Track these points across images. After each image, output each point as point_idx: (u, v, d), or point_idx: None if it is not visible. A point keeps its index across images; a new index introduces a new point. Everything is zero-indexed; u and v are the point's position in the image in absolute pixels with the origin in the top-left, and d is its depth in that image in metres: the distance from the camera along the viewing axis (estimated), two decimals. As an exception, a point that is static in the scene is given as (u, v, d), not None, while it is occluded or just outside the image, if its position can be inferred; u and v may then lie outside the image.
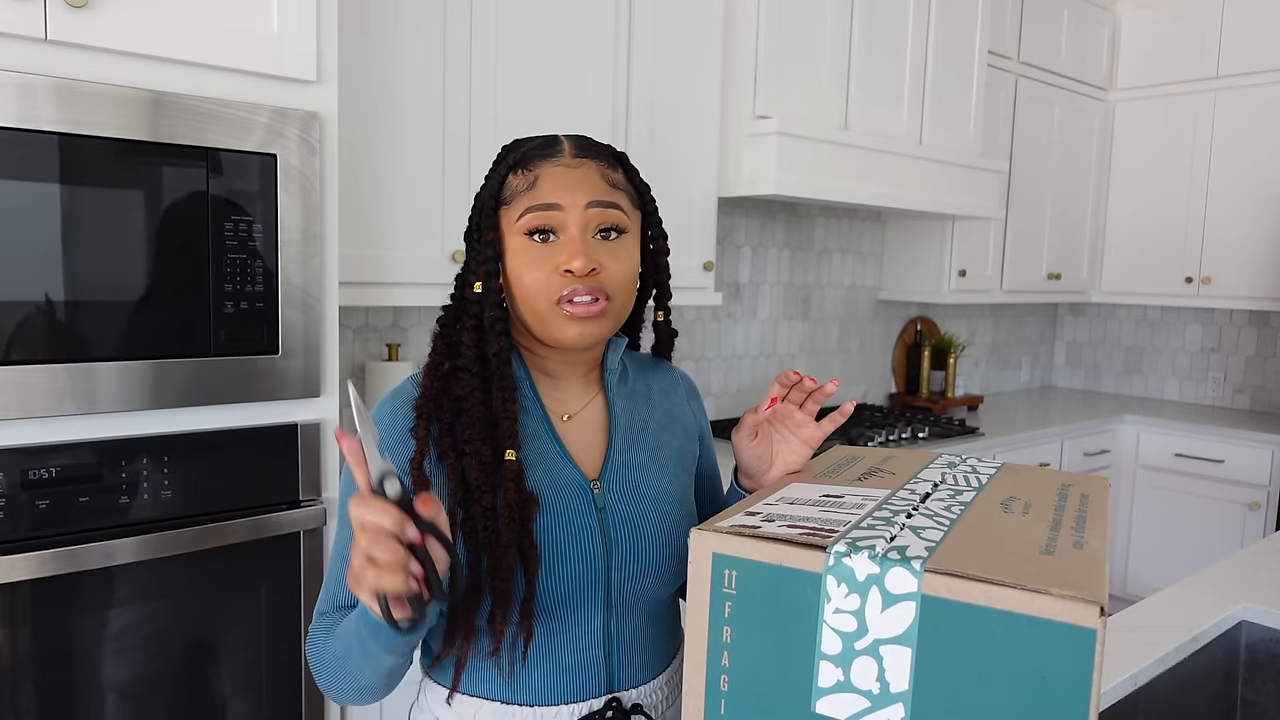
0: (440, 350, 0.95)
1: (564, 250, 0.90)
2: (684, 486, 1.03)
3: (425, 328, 2.43)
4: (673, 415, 1.08)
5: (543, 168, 0.92)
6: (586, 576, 0.93)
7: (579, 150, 0.94)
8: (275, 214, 1.51)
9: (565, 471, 0.96)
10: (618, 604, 0.95)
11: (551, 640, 0.93)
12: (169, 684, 1.49)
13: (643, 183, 1.00)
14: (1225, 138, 3.79)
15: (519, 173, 0.93)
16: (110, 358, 1.38)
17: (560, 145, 0.94)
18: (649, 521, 0.97)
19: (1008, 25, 3.59)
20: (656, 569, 0.97)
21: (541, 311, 0.91)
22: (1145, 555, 3.83)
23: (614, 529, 0.95)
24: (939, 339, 3.85)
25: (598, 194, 0.92)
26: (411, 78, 1.98)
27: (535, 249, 0.91)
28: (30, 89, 1.28)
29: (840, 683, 0.71)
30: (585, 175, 0.92)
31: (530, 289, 0.90)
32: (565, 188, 0.91)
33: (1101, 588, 0.65)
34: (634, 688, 0.97)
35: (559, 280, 0.89)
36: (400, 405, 0.94)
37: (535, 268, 0.90)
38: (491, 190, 0.94)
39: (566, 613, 0.93)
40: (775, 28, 2.64)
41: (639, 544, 0.96)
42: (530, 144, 0.95)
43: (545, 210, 0.90)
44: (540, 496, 0.92)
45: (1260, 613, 1.56)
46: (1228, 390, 4.14)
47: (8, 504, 1.32)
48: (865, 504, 0.84)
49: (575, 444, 0.99)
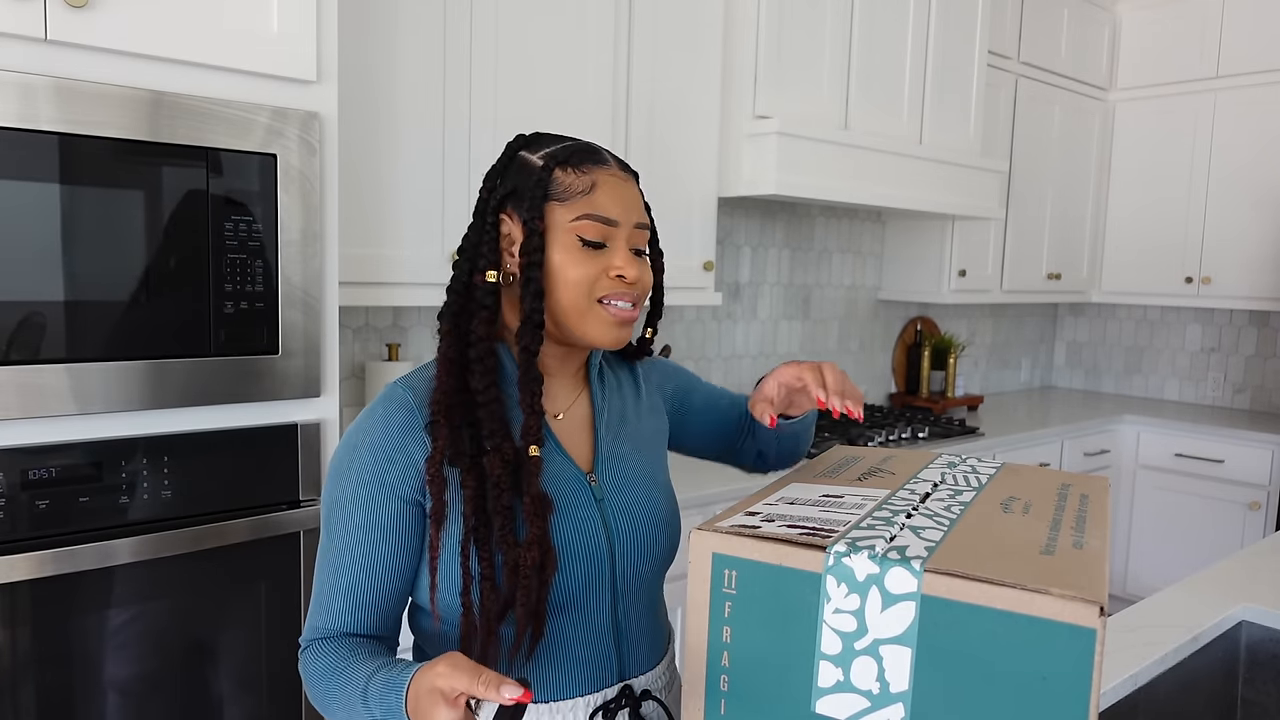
0: (451, 343, 0.93)
1: (617, 257, 0.93)
2: (662, 469, 1.08)
3: (425, 327, 2.43)
4: (643, 399, 1.11)
5: (598, 174, 0.93)
6: (595, 569, 0.94)
7: (620, 165, 0.97)
8: (275, 214, 1.51)
9: (565, 467, 0.97)
10: (622, 593, 0.97)
11: (564, 635, 0.94)
12: (169, 684, 1.49)
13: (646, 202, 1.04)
14: (1225, 138, 3.79)
15: (569, 171, 0.93)
16: (110, 358, 1.38)
17: (604, 155, 0.96)
18: (642, 508, 0.99)
19: (1008, 25, 3.59)
20: (653, 553, 1.00)
21: (582, 309, 0.92)
22: (1145, 555, 3.83)
23: (613, 519, 0.97)
24: (939, 339, 3.85)
25: (642, 216, 0.96)
26: (411, 78, 1.98)
27: (583, 252, 0.92)
28: (30, 89, 1.28)
29: (840, 683, 0.71)
30: (634, 192, 0.96)
31: (573, 284, 0.91)
32: (621, 204, 0.94)
33: (1101, 587, 0.65)
34: (641, 674, 0.99)
35: (608, 281, 0.92)
36: (394, 410, 0.92)
37: (584, 265, 0.92)
38: (531, 181, 0.93)
39: (579, 607, 0.94)
40: (775, 28, 2.64)
41: (637, 531, 0.98)
42: (561, 142, 0.96)
43: (606, 225, 0.92)
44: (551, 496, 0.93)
45: (1260, 613, 1.56)
46: (1228, 390, 4.14)
47: (8, 504, 1.32)
48: (865, 504, 0.84)
49: (567, 440, 1.00)
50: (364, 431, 0.92)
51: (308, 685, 0.91)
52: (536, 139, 0.97)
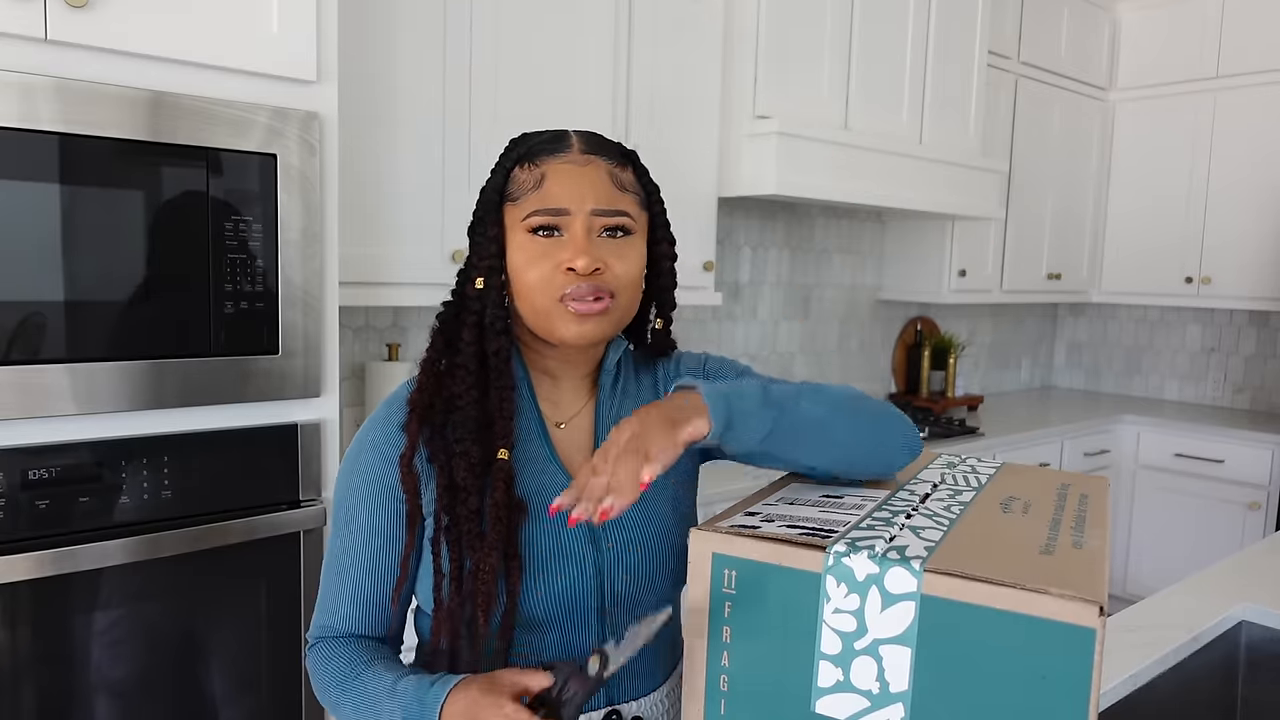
0: (438, 346, 0.94)
1: (568, 248, 0.88)
2: (677, 493, 0.99)
3: (425, 327, 2.43)
4: None
5: (550, 164, 0.89)
6: (578, 588, 0.90)
7: (588, 147, 0.91)
8: (275, 214, 1.51)
9: (555, 477, 0.93)
10: (615, 616, 0.93)
11: (544, 651, 0.90)
12: (168, 684, 1.49)
13: (652, 183, 0.97)
14: (1225, 138, 3.79)
15: (525, 167, 0.90)
16: (110, 358, 1.38)
17: (569, 141, 0.91)
18: (643, 530, 0.94)
19: (1008, 25, 3.59)
20: (653, 579, 0.94)
21: (543, 308, 0.89)
22: (1145, 555, 3.82)
23: (608, 539, 0.92)
24: (939, 339, 3.85)
25: (603, 200, 0.89)
26: (411, 77, 1.98)
27: (538, 244, 0.89)
28: (30, 89, 1.28)
29: (840, 682, 0.71)
30: (593, 175, 0.90)
31: (532, 285, 0.88)
32: (573, 190, 0.88)
33: (1101, 587, 0.65)
34: (634, 700, 0.95)
35: (562, 278, 0.87)
36: (396, 410, 0.92)
37: (537, 264, 0.88)
38: (495, 184, 0.92)
39: (559, 625, 0.91)
40: (775, 27, 2.64)
41: (634, 553, 0.93)
42: (538, 138, 0.93)
43: (553, 215, 0.88)
44: (528, 504, 0.90)
45: (1260, 612, 1.56)
46: (1228, 390, 4.13)
47: (8, 504, 1.32)
48: (865, 504, 0.84)
49: (567, 450, 0.97)
50: (368, 431, 0.93)
51: (316, 685, 0.91)
52: (522, 140, 0.94)
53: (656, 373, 1.05)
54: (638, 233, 0.93)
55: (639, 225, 0.93)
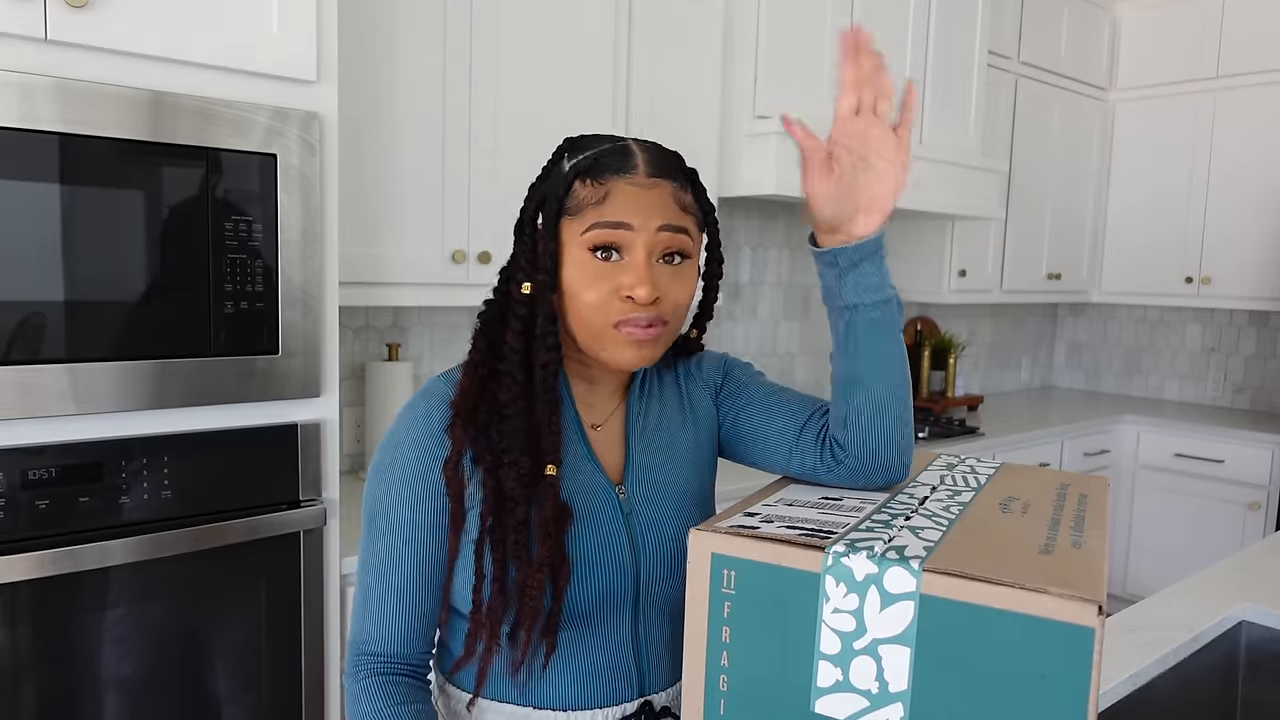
0: (481, 349, 0.92)
1: (629, 273, 0.86)
2: (702, 483, 1.02)
3: (425, 327, 2.43)
4: (686, 402, 1.04)
5: (615, 183, 0.87)
6: (616, 582, 0.91)
7: (654, 169, 0.89)
8: (275, 214, 1.51)
9: (593, 476, 0.94)
10: (645, 606, 0.94)
11: (582, 645, 0.92)
12: (169, 684, 1.49)
13: (709, 202, 0.96)
14: (1225, 138, 3.79)
15: (588, 183, 0.88)
16: (110, 358, 1.38)
17: (635, 160, 0.89)
18: (672, 523, 0.95)
19: (1008, 25, 3.59)
20: (682, 570, 0.95)
21: (597, 331, 0.88)
22: (1145, 555, 3.82)
23: (640, 532, 0.94)
24: (939, 339, 3.85)
25: (669, 218, 0.88)
26: (411, 77, 1.98)
27: (597, 265, 0.87)
28: (30, 89, 1.28)
29: (839, 682, 0.71)
30: (659, 197, 0.88)
31: (588, 306, 0.87)
32: (637, 207, 0.87)
33: (1100, 587, 0.65)
34: (663, 690, 0.97)
35: (620, 304, 0.86)
36: (435, 405, 0.91)
37: (595, 286, 0.87)
38: (555, 194, 0.89)
39: (597, 618, 0.91)
40: (775, 28, 2.64)
41: (664, 546, 0.95)
42: (599, 147, 0.90)
43: (614, 228, 0.86)
44: (571, 505, 0.90)
45: (1260, 612, 1.56)
46: (1228, 390, 4.13)
47: (8, 504, 1.32)
48: (864, 506, 0.84)
49: (602, 450, 0.97)
50: (407, 427, 0.91)
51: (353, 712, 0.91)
52: (579, 144, 0.92)
53: (676, 369, 1.05)
54: (693, 256, 0.92)
55: (695, 248, 0.93)
